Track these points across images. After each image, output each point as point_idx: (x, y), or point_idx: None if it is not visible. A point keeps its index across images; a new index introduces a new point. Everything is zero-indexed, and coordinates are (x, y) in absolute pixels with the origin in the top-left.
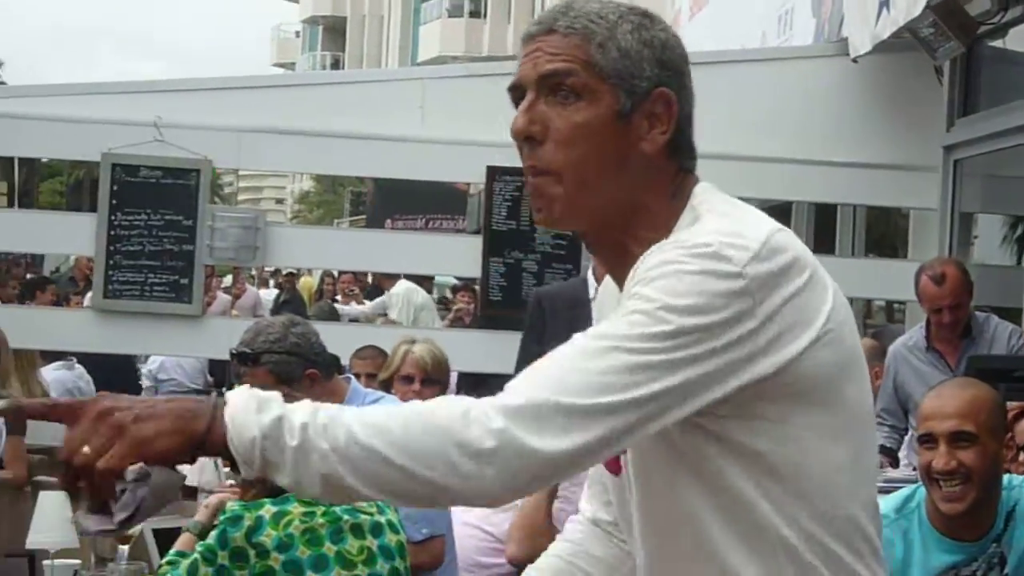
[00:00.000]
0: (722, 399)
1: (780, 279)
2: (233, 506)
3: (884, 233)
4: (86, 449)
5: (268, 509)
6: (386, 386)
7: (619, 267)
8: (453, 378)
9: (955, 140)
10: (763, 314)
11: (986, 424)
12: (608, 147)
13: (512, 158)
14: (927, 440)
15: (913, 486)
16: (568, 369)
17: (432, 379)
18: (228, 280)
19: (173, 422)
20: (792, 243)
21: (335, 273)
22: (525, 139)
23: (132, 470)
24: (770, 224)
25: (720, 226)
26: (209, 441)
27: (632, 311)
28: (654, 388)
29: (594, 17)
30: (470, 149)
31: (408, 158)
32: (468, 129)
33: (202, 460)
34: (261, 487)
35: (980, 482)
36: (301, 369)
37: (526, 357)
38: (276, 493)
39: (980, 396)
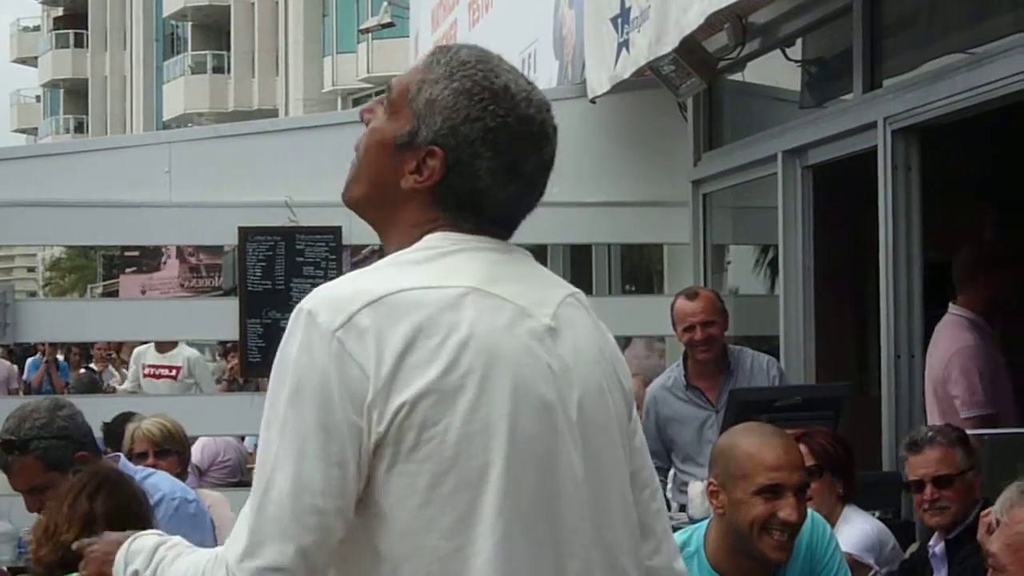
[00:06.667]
0: None
1: None
2: None
3: (639, 270)
4: None
5: None
6: None
7: None
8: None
9: (703, 174)
10: None
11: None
12: (378, 159)
13: (263, 218)
14: (771, 491)
15: (687, 531)
16: None
17: (164, 450)
18: None
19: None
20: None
21: None
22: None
23: None
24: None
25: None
26: None
27: None
28: None
29: (443, 62)
30: (220, 211)
31: (159, 223)
32: (217, 191)
33: None
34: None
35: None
36: (71, 453)
37: None
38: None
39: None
